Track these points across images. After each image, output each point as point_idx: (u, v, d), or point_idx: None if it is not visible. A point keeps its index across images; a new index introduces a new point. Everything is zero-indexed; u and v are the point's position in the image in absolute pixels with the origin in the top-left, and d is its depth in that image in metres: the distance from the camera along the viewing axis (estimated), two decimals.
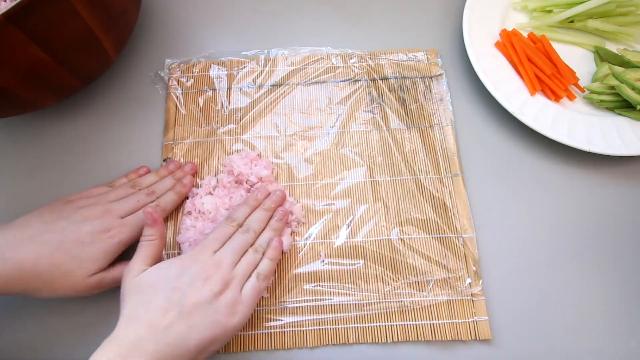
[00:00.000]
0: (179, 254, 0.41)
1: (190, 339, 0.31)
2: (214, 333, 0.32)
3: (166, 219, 0.43)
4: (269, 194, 0.41)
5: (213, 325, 0.32)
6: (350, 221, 0.43)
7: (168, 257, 0.41)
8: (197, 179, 0.45)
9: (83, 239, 0.36)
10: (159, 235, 0.36)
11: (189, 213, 0.42)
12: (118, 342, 0.30)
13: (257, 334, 0.38)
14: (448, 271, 0.40)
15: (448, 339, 0.38)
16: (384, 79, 0.50)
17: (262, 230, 0.39)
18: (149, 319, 0.31)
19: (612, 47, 0.51)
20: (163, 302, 0.32)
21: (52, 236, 0.35)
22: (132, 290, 0.33)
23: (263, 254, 0.38)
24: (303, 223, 0.43)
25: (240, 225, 0.38)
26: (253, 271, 0.36)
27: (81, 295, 0.36)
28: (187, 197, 0.43)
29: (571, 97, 0.48)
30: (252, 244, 0.37)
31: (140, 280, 0.33)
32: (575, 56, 0.51)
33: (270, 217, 0.40)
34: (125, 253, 0.38)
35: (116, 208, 0.39)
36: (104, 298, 0.38)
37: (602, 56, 0.50)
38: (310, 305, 0.39)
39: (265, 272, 0.36)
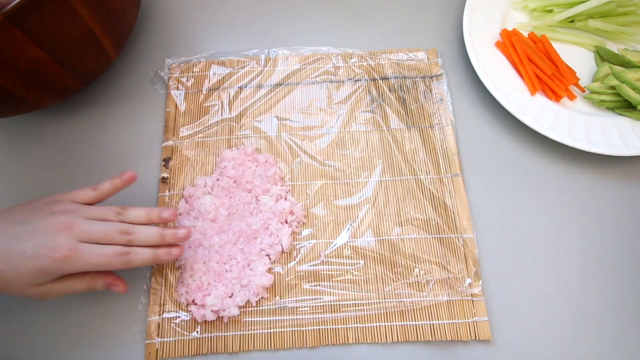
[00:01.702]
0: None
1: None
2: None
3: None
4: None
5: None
6: (350, 221, 0.43)
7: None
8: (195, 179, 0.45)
9: (26, 250, 0.32)
10: None
11: (187, 213, 0.42)
12: None
13: (257, 334, 0.38)
14: (448, 271, 0.40)
15: (448, 339, 0.38)
16: (384, 78, 0.50)
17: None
18: None
19: (613, 47, 0.51)
20: None
21: (4, 241, 0.33)
22: None
23: None
24: (303, 223, 0.43)
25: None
26: None
27: (39, 299, 0.35)
28: (182, 197, 0.43)
29: (571, 97, 0.48)
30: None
31: None
32: (576, 56, 0.51)
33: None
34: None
35: (80, 227, 0.34)
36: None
37: (602, 56, 0.50)
38: (310, 306, 0.39)
39: None
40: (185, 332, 0.38)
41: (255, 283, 0.39)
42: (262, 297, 0.39)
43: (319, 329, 0.39)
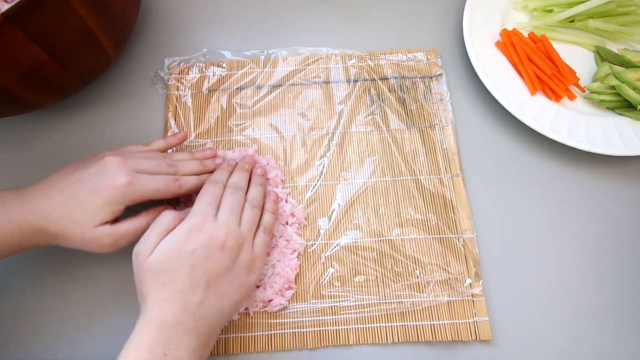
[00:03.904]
0: None
1: (224, 307, 0.34)
2: (241, 294, 0.35)
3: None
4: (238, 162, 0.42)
5: (239, 288, 0.35)
6: (351, 222, 0.42)
7: None
8: None
9: (90, 186, 0.35)
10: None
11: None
12: (156, 325, 0.31)
13: (258, 335, 0.38)
14: (448, 272, 0.40)
15: (448, 339, 0.38)
16: (384, 79, 0.50)
17: (247, 188, 0.40)
18: (179, 299, 0.32)
19: (613, 47, 0.51)
20: (187, 281, 0.32)
21: (68, 184, 0.35)
22: (148, 272, 0.33)
23: (261, 208, 0.39)
24: (305, 225, 0.42)
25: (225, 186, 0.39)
26: (258, 227, 0.38)
27: (96, 250, 0.36)
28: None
29: (571, 97, 0.48)
30: (244, 202, 0.38)
31: (154, 264, 0.33)
32: (576, 56, 0.51)
33: (251, 178, 0.41)
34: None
35: (134, 161, 0.37)
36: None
37: (602, 56, 0.50)
38: (310, 307, 0.39)
39: (270, 225, 0.39)
40: None
41: (260, 298, 0.39)
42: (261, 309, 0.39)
43: (319, 330, 0.38)
